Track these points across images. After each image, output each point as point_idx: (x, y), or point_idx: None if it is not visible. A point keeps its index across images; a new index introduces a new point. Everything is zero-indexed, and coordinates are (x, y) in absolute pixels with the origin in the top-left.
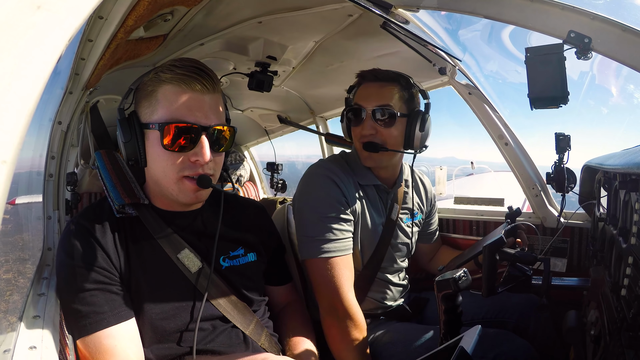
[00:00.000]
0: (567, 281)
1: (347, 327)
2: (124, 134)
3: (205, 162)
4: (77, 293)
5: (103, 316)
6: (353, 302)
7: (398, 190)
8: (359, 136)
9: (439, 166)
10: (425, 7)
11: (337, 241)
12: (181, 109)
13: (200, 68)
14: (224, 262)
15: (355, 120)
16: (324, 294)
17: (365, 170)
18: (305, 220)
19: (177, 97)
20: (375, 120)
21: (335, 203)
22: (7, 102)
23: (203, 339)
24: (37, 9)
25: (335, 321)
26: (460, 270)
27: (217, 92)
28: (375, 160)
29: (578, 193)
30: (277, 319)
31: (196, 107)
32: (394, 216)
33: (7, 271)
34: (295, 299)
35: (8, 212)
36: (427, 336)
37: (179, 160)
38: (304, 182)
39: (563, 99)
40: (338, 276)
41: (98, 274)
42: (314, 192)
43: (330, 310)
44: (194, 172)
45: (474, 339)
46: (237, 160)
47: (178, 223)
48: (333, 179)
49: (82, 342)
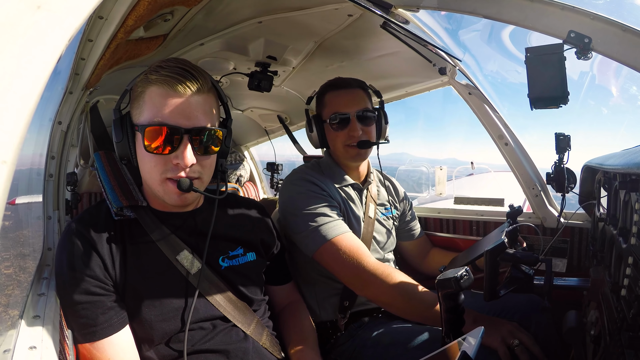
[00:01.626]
0: (567, 281)
1: (388, 284)
2: (116, 134)
3: (185, 166)
4: (70, 303)
5: (95, 329)
6: (378, 264)
7: (370, 187)
8: (346, 138)
9: (439, 166)
10: (425, 7)
11: (335, 221)
12: (163, 111)
13: (185, 69)
14: (223, 262)
15: (340, 126)
16: (349, 274)
17: (339, 173)
18: (298, 219)
19: (161, 99)
20: (359, 122)
21: (319, 195)
22: (7, 102)
23: (202, 337)
24: (37, 9)
25: (376, 289)
26: (462, 269)
27: (205, 92)
28: (363, 156)
29: (578, 193)
30: (278, 318)
31: (179, 109)
32: (371, 210)
33: (8, 267)
34: (296, 299)
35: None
36: (429, 337)
37: (162, 162)
38: (284, 190)
39: (563, 99)
40: (352, 248)
41: (92, 285)
42: (296, 194)
43: (365, 284)
44: (175, 175)
45: (477, 342)
46: (237, 160)
47: (175, 224)
48: (312, 180)
49: (81, 348)
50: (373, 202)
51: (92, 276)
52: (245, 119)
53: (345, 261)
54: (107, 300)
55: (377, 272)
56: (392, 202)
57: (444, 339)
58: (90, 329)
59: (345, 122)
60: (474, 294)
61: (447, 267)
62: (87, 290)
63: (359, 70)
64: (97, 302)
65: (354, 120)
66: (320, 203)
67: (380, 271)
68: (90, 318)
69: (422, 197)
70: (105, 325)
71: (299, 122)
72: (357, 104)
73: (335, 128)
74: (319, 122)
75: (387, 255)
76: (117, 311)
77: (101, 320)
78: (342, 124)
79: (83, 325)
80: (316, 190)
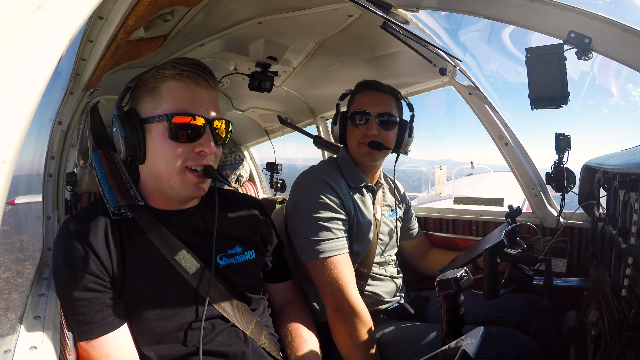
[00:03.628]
0: (567, 281)
1: (355, 324)
2: (123, 128)
3: (210, 153)
4: (68, 301)
5: (93, 326)
6: (358, 299)
7: (380, 190)
8: (362, 136)
9: (438, 166)
10: (425, 7)
11: (336, 240)
12: (187, 102)
13: (202, 66)
14: (221, 261)
15: (358, 123)
16: (329, 294)
17: (355, 172)
18: (303, 224)
19: (183, 92)
20: (379, 124)
21: (331, 204)
22: (8, 102)
23: (202, 338)
24: (37, 9)
25: (342, 319)
26: (461, 269)
27: (216, 89)
28: (374, 157)
29: (578, 193)
30: (277, 318)
31: (200, 101)
32: (378, 212)
33: (6, 271)
34: (296, 298)
35: (8, 212)
36: (430, 335)
37: (185, 151)
38: (299, 187)
39: (563, 99)
40: (341, 274)
41: (89, 281)
42: (310, 196)
43: (336, 309)
44: (197, 163)
45: (477, 342)
46: (237, 160)
47: (174, 222)
48: (328, 181)
49: (80, 346)
50: (381, 204)
51: (89, 272)
52: (245, 119)
53: (331, 283)
54: (105, 297)
55: (354, 306)
56: (397, 203)
57: (444, 339)
58: (88, 326)
59: (364, 120)
60: (473, 293)
61: (447, 267)
62: (85, 286)
63: (359, 70)
64: (95, 300)
65: (373, 120)
66: (328, 213)
67: (358, 308)
68: (88, 315)
69: (421, 197)
70: (102, 323)
71: (299, 122)
72: (382, 106)
73: (354, 124)
74: (344, 117)
75: (392, 257)
76: (115, 309)
77: (99, 318)
78: (361, 121)
79: (80, 323)
80: (331, 196)
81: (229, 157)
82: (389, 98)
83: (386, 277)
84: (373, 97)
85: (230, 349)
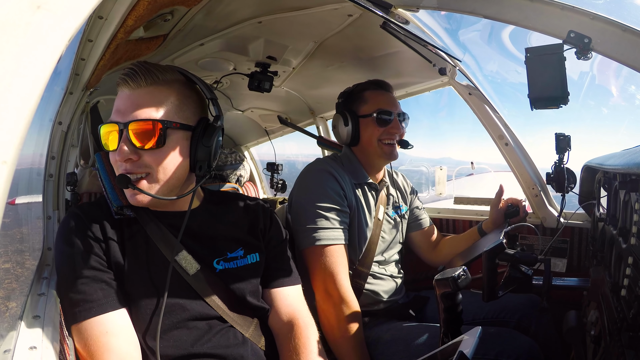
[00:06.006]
0: (567, 281)
1: (343, 312)
2: None
3: (120, 160)
4: (69, 280)
5: (93, 304)
6: (348, 288)
7: (384, 187)
8: (384, 136)
9: (438, 166)
10: (425, 7)
11: (334, 230)
12: (114, 110)
13: (133, 67)
14: (218, 265)
15: (383, 122)
16: (321, 280)
17: (358, 169)
18: (304, 212)
19: (116, 99)
20: (399, 122)
21: (334, 194)
22: (8, 102)
23: (199, 339)
24: (37, 9)
25: (331, 307)
26: (459, 268)
27: (151, 85)
28: (396, 155)
29: (578, 193)
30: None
31: (120, 106)
32: (381, 211)
33: (6, 262)
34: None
35: (8, 212)
36: (428, 335)
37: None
38: (303, 177)
39: (563, 99)
40: (334, 263)
41: (91, 260)
42: (313, 185)
43: (326, 297)
44: (118, 172)
45: (474, 342)
46: (237, 160)
47: (173, 223)
48: (332, 173)
49: (75, 330)
50: (384, 203)
51: (92, 252)
52: (245, 119)
53: (324, 271)
54: (105, 276)
55: (343, 295)
56: (403, 198)
57: (443, 339)
58: (87, 304)
59: (387, 120)
60: (473, 293)
61: (446, 266)
62: (87, 264)
63: (359, 70)
64: (96, 277)
65: (396, 119)
66: (330, 203)
67: (347, 297)
68: (88, 293)
69: (422, 197)
70: (103, 301)
71: (299, 122)
72: (398, 107)
73: (380, 124)
74: (355, 116)
75: (394, 256)
76: (116, 290)
77: (99, 296)
78: (385, 120)
79: (79, 302)
80: (334, 186)
81: (229, 157)
82: (395, 97)
83: (386, 276)
84: (388, 97)
85: (227, 351)
